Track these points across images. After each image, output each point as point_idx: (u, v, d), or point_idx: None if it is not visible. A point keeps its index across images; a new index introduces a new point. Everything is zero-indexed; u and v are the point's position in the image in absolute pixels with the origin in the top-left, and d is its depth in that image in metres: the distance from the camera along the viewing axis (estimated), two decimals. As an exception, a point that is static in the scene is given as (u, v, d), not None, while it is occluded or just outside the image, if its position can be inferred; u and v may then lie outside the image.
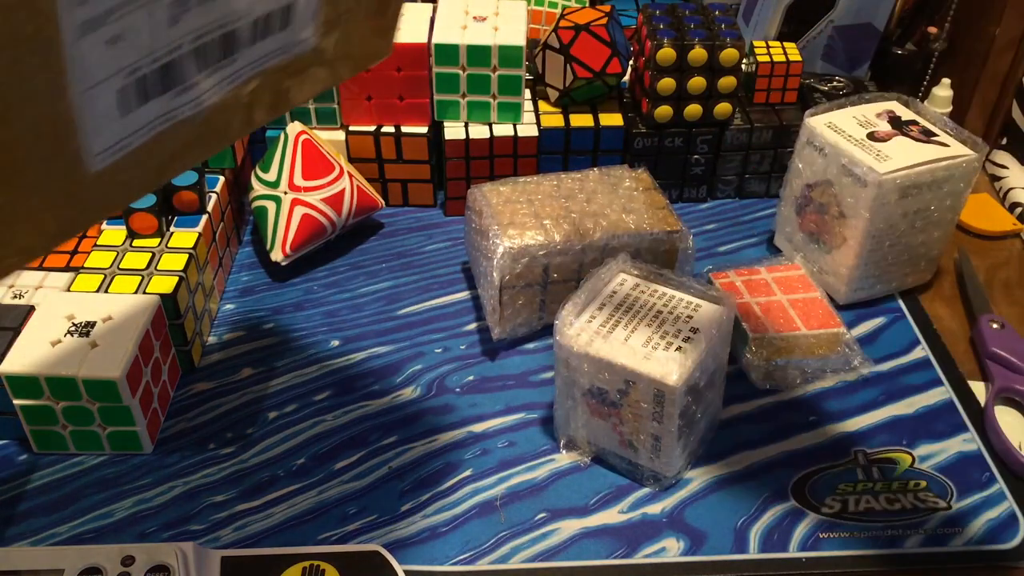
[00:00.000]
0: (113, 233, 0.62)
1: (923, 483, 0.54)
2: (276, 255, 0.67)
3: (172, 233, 0.62)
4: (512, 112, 0.73)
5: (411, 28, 0.71)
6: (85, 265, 0.59)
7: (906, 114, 0.66)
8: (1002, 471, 0.55)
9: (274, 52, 0.33)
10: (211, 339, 0.64)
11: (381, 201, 0.72)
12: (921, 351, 0.64)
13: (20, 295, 0.59)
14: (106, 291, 0.57)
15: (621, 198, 0.63)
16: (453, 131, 0.72)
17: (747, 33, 0.87)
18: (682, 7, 0.75)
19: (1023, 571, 0.50)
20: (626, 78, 0.77)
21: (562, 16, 0.72)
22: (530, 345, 0.64)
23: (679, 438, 0.51)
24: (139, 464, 0.55)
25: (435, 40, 0.69)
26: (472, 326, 0.65)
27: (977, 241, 0.75)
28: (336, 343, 0.63)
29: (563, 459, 0.55)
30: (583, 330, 0.51)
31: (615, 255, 0.58)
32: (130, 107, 0.28)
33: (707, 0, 0.84)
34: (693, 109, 0.73)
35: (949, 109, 0.82)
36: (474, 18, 0.72)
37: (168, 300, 0.57)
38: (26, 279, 0.60)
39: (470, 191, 0.64)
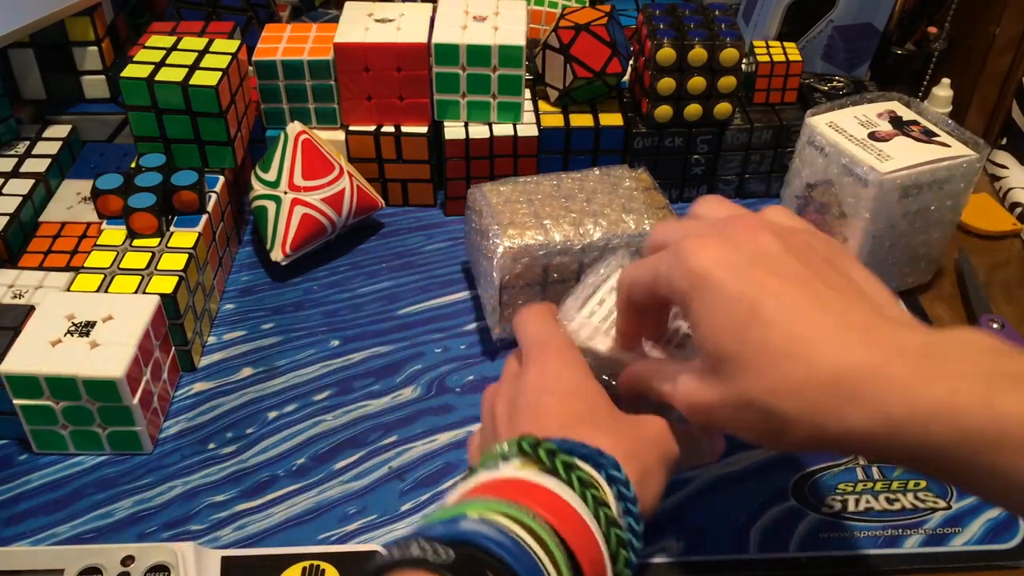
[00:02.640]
0: (113, 233, 0.62)
1: (923, 483, 0.54)
2: (276, 255, 0.67)
3: (172, 233, 0.62)
4: (512, 112, 0.73)
5: (411, 28, 0.71)
6: (85, 265, 0.59)
7: (907, 114, 0.66)
8: (1002, 471, 0.55)
9: None
10: (211, 339, 0.64)
11: (381, 201, 0.72)
12: (921, 351, 0.64)
13: (20, 295, 0.59)
14: (106, 291, 0.57)
15: (621, 198, 0.63)
16: (453, 131, 0.72)
17: (747, 33, 0.87)
18: (682, 7, 0.75)
19: (1023, 571, 0.50)
20: (626, 78, 0.77)
21: (562, 16, 0.72)
22: (530, 345, 0.64)
23: None
24: (139, 464, 0.55)
25: (435, 40, 0.69)
26: (472, 326, 0.65)
27: (977, 241, 0.75)
28: (336, 343, 0.63)
29: (563, 459, 0.55)
30: (584, 325, 0.51)
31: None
32: None
33: (707, 0, 0.84)
34: (693, 109, 0.73)
35: (949, 109, 0.82)
36: (474, 18, 0.72)
37: (168, 300, 0.57)
38: (26, 279, 0.60)
39: (470, 191, 0.64)
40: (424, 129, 0.73)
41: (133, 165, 0.65)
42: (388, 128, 0.73)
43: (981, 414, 0.31)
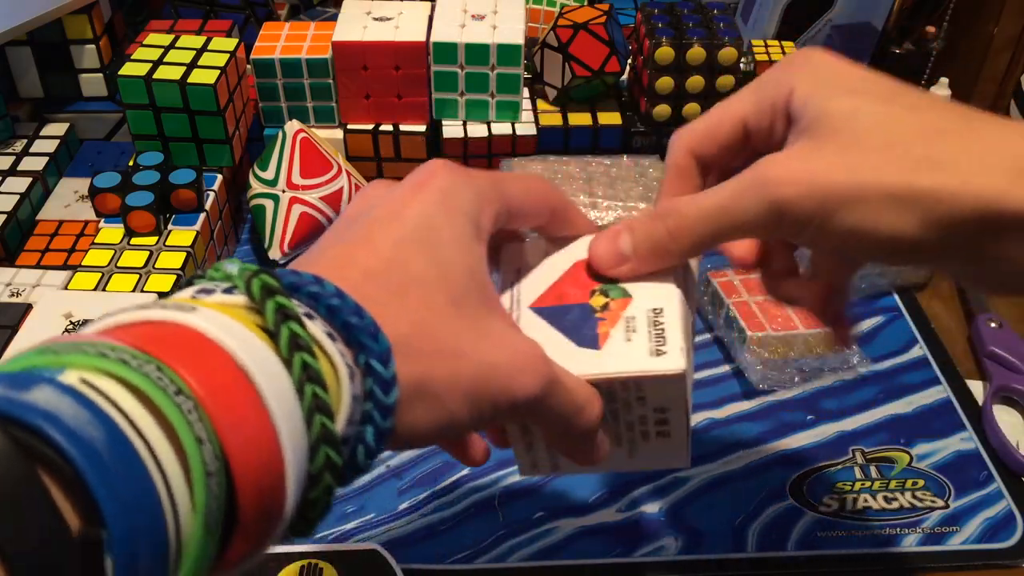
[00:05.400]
0: (111, 231, 0.61)
1: (921, 482, 0.54)
2: (274, 253, 0.67)
3: (170, 231, 0.62)
4: (510, 111, 0.73)
5: (409, 26, 0.71)
6: (83, 263, 0.59)
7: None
8: (1000, 470, 0.55)
9: None
10: (209, 337, 0.63)
11: (379, 200, 0.72)
12: (919, 350, 0.64)
13: (17, 293, 0.58)
14: (103, 289, 0.57)
15: (644, 187, 0.64)
16: (451, 130, 0.72)
17: (745, 32, 0.87)
18: (680, 6, 0.75)
19: (1021, 570, 0.50)
20: (624, 77, 0.77)
21: (561, 15, 0.72)
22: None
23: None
24: (137, 462, 0.55)
25: (434, 38, 0.69)
26: (470, 325, 0.65)
27: (975, 240, 0.75)
28: (334, 342, 0.63)
29: (561, 458, 0.56)
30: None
31: None
32: None
33: (705, -1, 0.84)
34: (691, 108, 0.73)
35: (947, 108, 0.82)
36: (472, 16, 0.72)
37: (166, 298, 0.57)
38: (23, 277, 0.60)
39: (502, 163, 0.67)
40: (422, 128, 0.73)
41: (131, 163, 0.65)
42: (386, 127, 0.73)
43: None
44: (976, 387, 0.61)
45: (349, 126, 0.73)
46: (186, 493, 0.21)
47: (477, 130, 0.72)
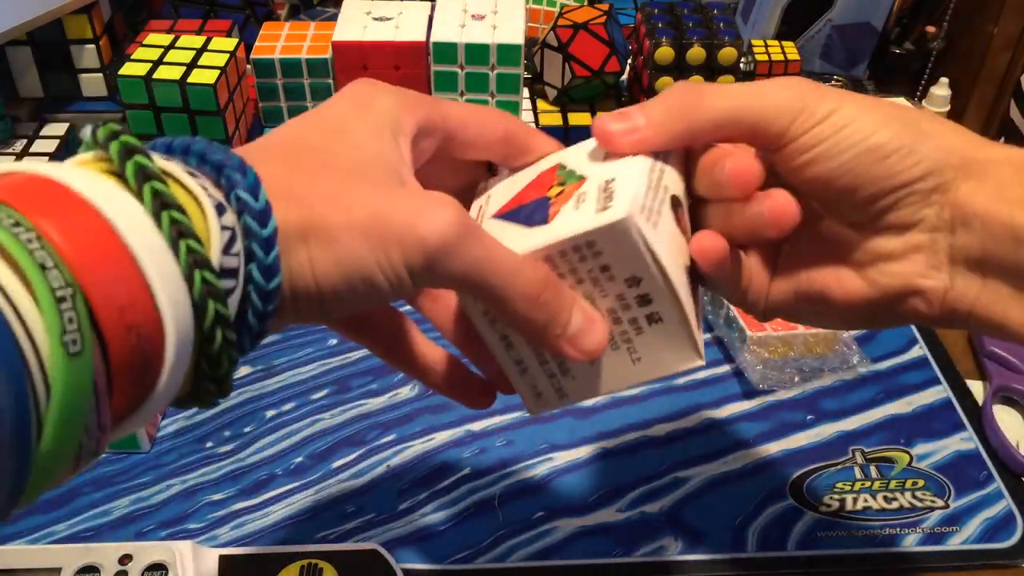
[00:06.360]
0: (111, 231, 0.61)
1: (921, 482, 0.54)
2: (274, 253, 0.67)
3: (170, 231, 0.62)
4: (510, 111, 0.73)
5: (409, 26, 0.71)
6: (83, 263, 0.59)
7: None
8: (1000, 470, 0.55)
9: None
10: (209, 337, 0.63)
11: (379, 199, 0.72)
12: (919, 350, 0.64)
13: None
14: (104, 289, 0.57)
15: None
16: (451, 129, 0.72)
17: (745, 32, 0.87)
18: (680, 6, 0.75)
19: (1021, 571, 0.50)
20: (624, 77, 0.77)
21: (561, 15, 0.72)
22: (528, 344, 0.64)
23: None
24: (137, 462, 0.55)
25: (434, 38, 0.69)
26: (470, 325, 0.65)
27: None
28: (334, 341, 0.63)
29: (561, 458, 0.56)
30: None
31: None
32: None
33: (705, -1, 0.84)
34: (691, 108, 0.73)
35: (947, 108, 0.82)
36: (472, 16, 0.72)
37: (166, 298, 0.57)
38: (23, 277, 0.60)
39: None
40: (422, 128, 0.73)
41: (131, 163, 0.65)
42: (386, 127, 0.73)
43: None
44: (976, 387, 0.61)
45: (349, 126, 0.73)
46: (35, 314, 0.20)
47: (477, 130, 0.72)
